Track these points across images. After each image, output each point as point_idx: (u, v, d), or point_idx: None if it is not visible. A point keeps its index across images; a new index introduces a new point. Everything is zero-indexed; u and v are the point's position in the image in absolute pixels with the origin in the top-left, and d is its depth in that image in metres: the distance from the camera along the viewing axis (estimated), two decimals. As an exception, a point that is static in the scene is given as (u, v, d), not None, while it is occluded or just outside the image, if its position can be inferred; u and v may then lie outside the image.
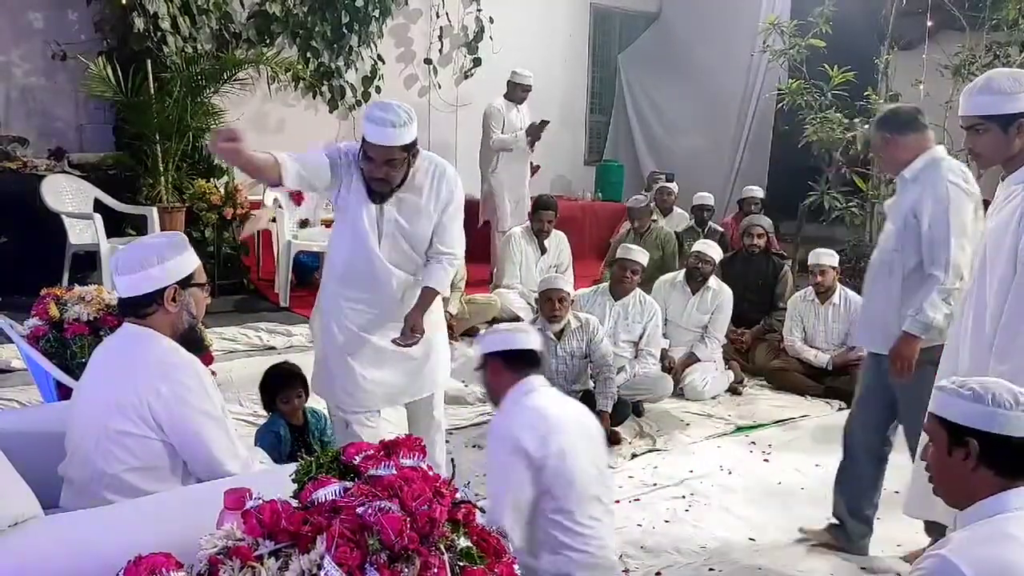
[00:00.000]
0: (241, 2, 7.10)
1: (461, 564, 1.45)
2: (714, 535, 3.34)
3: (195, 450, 2.14)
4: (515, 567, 1.57)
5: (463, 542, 1.48)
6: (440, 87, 8.54)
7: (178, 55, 6.46)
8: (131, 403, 2.07)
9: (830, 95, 6.35)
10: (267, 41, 7.24)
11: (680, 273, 5.33)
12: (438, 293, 3.03)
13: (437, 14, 8.41)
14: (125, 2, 6.15)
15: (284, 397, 3.32)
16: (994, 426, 1.65)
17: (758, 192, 7.03)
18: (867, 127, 6.14)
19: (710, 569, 3.08)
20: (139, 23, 6.22)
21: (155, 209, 6.08)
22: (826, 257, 5.17)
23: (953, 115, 5.52)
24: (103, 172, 6.47)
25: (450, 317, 5.12)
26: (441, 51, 8.53)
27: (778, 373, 5.25)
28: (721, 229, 6.95)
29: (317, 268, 6.57)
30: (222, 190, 6.46)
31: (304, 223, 6.81)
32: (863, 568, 3.13)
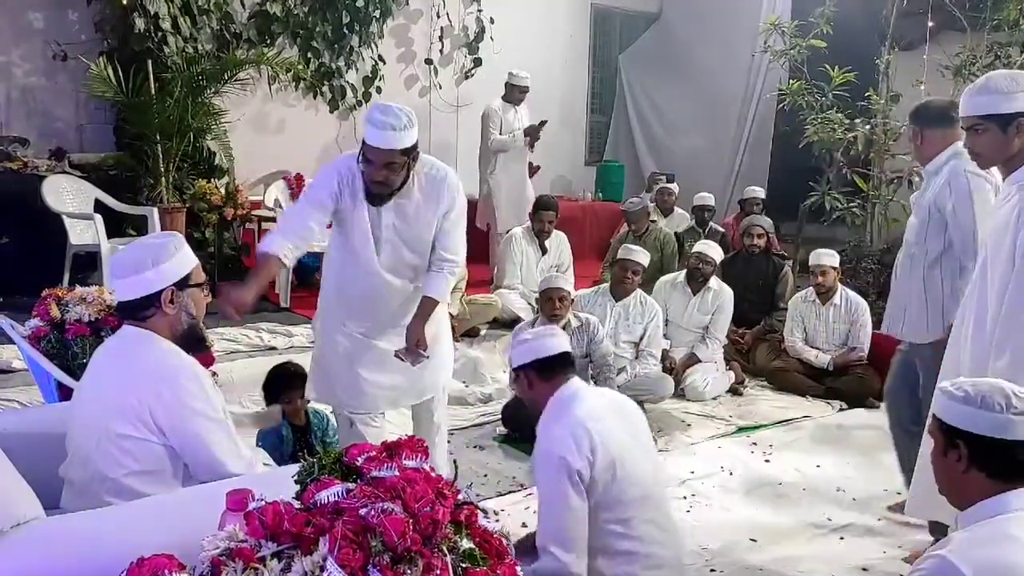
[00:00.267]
0: (242, 2, 7.09)
1: (464, 566, 1.45)
2: (715, 535, 3.34)
3: (196, 452, 2.14)
4: (516, 568, 1.57)
5: (466, 543, 1.48)
6: (441, 87, 8.53)
7: (179, 55, 6.46)
8: (131, 406, 2.07)
9: (831, 95, 6.33)
10: (268, 41, 7.23)
11: (681, 274, 5.33)
12: (438, 303, 3.00)
13: (438, 14, 8.40)
14: (126, 2, 6.15)
15: (287, 397, 3.33)
16: (981, 429, 1.65)
17: (760, 193, 7.03)
18: (868, 127, 6.15)
19: (711, 570, 3.09)
20: (140, 23, 6.22)
21: (156, 209, 6.08)
22: (827, 258, 5.17)
23: (954, 115, 5.50)
24: (104, 172, 6.47)
25: (451, 318, 5.10)
26: (442, 51, 8.53)
27: (779, 374, 5.25)
28: (722, 230, 6.95)
29: (318, 268, 6.54)
30: (223, 190, 6.47)
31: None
32: (863, 569, 3.14)
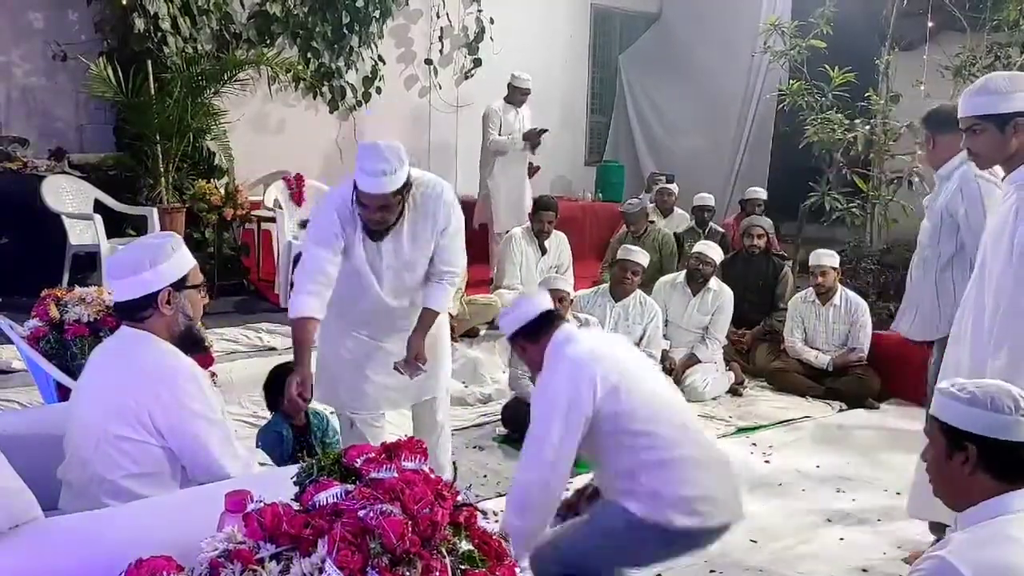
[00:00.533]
0: (241, 2, 7.08)
1: (463, 567, 1.45)
2: (714, 536, 3.33)
3: (195, 454, 2.13)
4: (516, 570, 1.57)
5: (465, 545, 1.48)
6: (440, 88, 8.52)
7: (178, 55, 6.45)
8: (129, 408, 2.07)
9: (831, 96, 6.33)
10: (267, 41, 7.22)
11: (681, 274, 5.33)
12: (439, 314, 3.06)
13: (437, 15, 8.40)
14: (125, 2, 6.15)
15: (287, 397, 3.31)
16: (993, 432, 1.62)
17: (761, 193, 7.01)
18: (868, 128, 6.14)
19: (711, 571, 3.08)
20: (139, 23, 6.21)
21: (155, 210, 6.08)
22: (827, 258, 5.17)
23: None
24: (103, 172, 6.46)
25: (450, 318, 5.10)
26: (441, 52, 8.52)
27: (779, 374, 5.25)
28: (722, 230, 6.94)
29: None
30: (222, 191, 6.47)
31: (304, 224, 6.80)
32: (863, 570, 3.14)
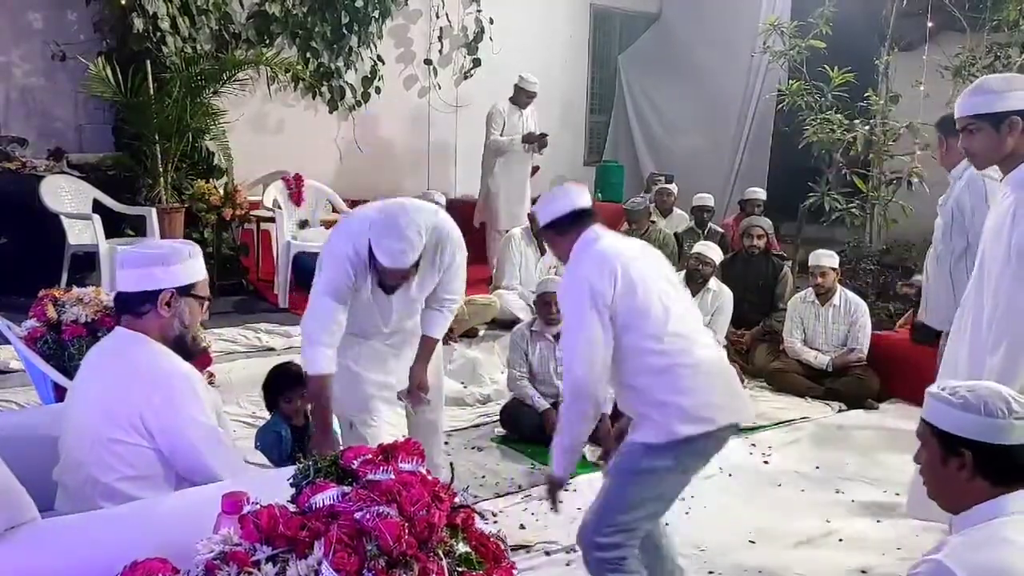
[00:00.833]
0: (241, 2, 7.08)
1: (460, 569, 1.44)
2: (713, 536, 3.33)
3: (186, 456, 2.13)
4: (513, 572, 1.56)
5: (462, 547, 1.47)
6: (440, 88, 8.52)
7: (177, 55, 6.45)
8: (123, 411, 2.06)
9: (830, 96, 6.34)
10: (267, 41, 7.22)
11: (680, 274, 5.32)
12: (438, 341, 3.12)
13: (437, 15, 8.39)
14: (124, 2, 6.14)
15: (287, 397, 3.32)
16: (988, 436, 1.60)
17: (761, 194, 7.00)
18: (867, 128, 6.14)
19: (710, 572, 3.08)
20: (138, 23, 6.21)
21: (154, 210, 6.07)
22: (826, 258, 5.16)
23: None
24: (102, 172, 6.46)
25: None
26: (441, 52, 8.52)
27: (778, 374, 5.24)
28: (721, 230, 6.94)
29: (317, 268, 6.56)
30: (221, 191, 6.47)
31: (303, 224, 6.81)
32: (862, 571, 3.13)
